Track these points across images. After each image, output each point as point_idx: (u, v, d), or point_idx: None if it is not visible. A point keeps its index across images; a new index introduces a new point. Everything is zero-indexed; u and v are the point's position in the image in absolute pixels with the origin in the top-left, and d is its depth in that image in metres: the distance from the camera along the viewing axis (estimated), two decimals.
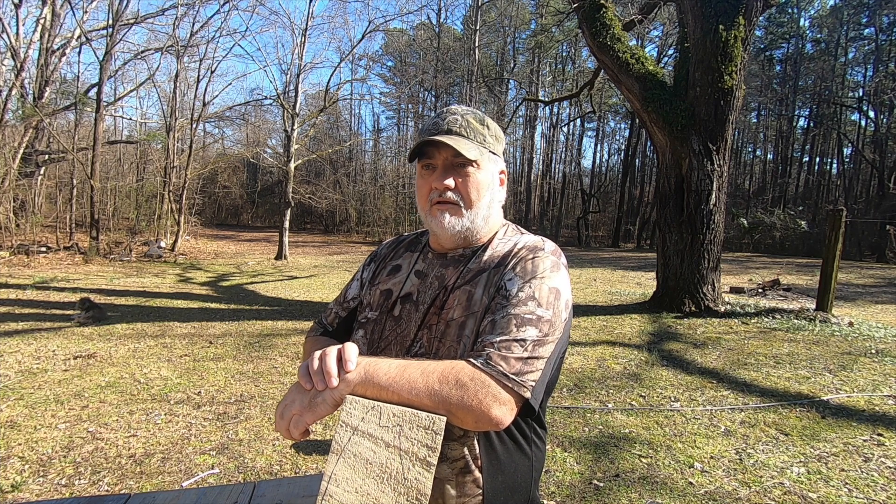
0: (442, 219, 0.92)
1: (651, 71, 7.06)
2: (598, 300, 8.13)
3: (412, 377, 0.76)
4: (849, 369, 4.44)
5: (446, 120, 0.93)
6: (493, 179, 0.96)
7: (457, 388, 0.75)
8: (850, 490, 2.47)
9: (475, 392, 0.75)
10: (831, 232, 6.38)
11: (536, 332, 0.82)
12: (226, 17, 16.62)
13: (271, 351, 4.91)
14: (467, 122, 0.94)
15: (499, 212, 1.00)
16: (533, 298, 0.84)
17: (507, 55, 30.54)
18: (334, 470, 0.70)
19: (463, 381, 0.75)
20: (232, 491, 1.35)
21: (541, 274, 0.87)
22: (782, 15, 26.34)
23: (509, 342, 0.80)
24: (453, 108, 0.96)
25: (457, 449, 0.87)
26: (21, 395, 3.54)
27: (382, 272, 1.06)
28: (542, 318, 0.83)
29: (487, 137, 0.95)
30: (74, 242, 13.51)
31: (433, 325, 0.91)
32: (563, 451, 2.86)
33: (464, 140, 0.91)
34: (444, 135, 0.91)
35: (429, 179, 0.94)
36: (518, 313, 0.83)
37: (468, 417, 0.75)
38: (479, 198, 0.93)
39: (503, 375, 0.77)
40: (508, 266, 0.89)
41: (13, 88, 12.43)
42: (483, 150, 0.93)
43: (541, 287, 0.85)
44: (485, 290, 0.89)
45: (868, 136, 25.26)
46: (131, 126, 23.74)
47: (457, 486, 0.87)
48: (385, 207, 26.41)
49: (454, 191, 0.92)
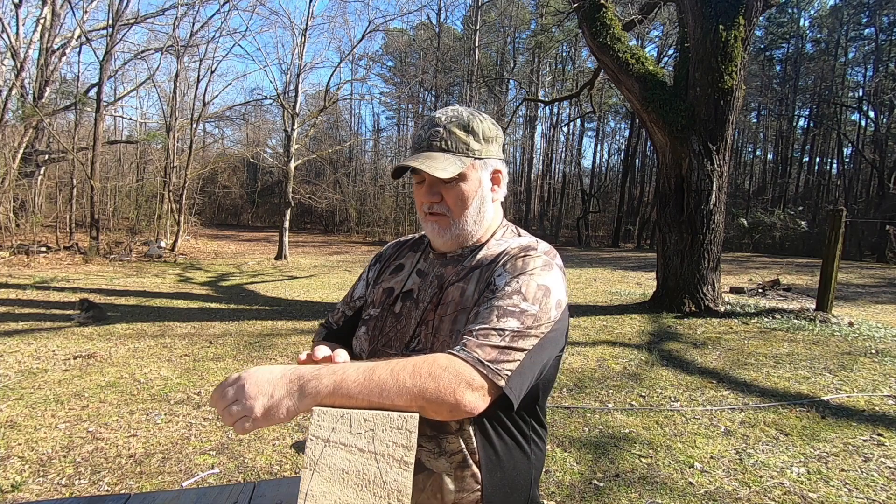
0: (433, 229, 0.97)
1: (651, 71, 7.06)
2: (598, 300, 8.13)
3: (381, 379, 0.73)
4: (849, 369, 4.44)
5: (429, 133, 0.94)
6: (480, 185, 0.97)
7: (430, 379, 0.73)
8: (850, 490, 2.47)
9: (448, 380, 0.74)
10: (831, 232, 6.38)
11: (517, 324, 0.81)
12: (226, 17, 16.58)
13: (271, 351, 4.91)
14: (450, 132, 0.93)
15: (494, 210, 1.02)
16: (519, 293, 0.85)
17: (507, 55, 30.54)
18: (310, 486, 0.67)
19: (435, 373, 0.74)
20: (232, 491, 1.35)
21: (530, 271, 0.88)
22: (782, 15, 26.35)
23: (487, 330, 0.80)
24: (438, 115, 0.96)
25: (454, 442, 0.88)
26: (21, 395, 3.54)
27: (386, 271, 1.09)
28: (526, 311, 0.83)
29: (472, 144, 0.94)
30: (74, 242, 13.51)
31: (430, 321, 0.93)
32: (563, 451, 2.86)
33: (442, 157, 0.92)
34: (424, 151, 0.93)
35: (420, 191, 0.97)
36: (501, 305, 0.83)
37: (442, 408, 0.74)
38: (466, 207, 0.95)
39: (478, 361, 0.76)
40: (499, 263, 0.91)
41: (13, 88, 12.43)
42: (466, 160, 0.93)
43: (528, 283, 0.86)
44: (476, 286, 0.92)
45: (868, 136, 25.25)
46: (131, 126, 23.77)
47: (455, 480, 0.88)
48: (385, 207, 26.41)
49: (440, 204, 0.95)
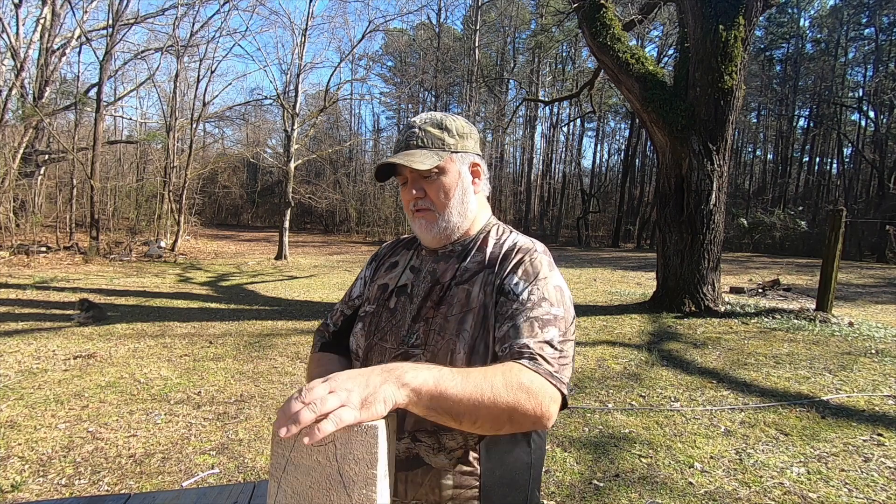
0: (421, 224, 1.00)
1: (651, 71, 7.06)
2: (598, 300, 8.13)
3: (477, 382, 0.74)
4: (849, 369, 4.44)
5: (406, 136, 0.99)
6: (460, 178, 1.00)
7: (521, 391, 0.76)
8: (850, 490, 2.47)
9: (537, 393, 0.77)
10: (831, 232, 6.38)
11: (557, 332, 0.86)
12: (226, 17, 16.59)
13: (271, 351, 4.91)
14: (425, 131, 0.98)
15: (478, 203, 1.04)
16: (544, 299, 0.89)
17: (507, 55, 30.53)
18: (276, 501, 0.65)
19: (525, 385, 0.76)
20: (232, 491, 1.35)
21: (542, 274, 0.92)
22: (782, 15, 26.34)
23: (542, 344, 0.84)
24: (414, 119, 1.01)
25: (455, 438, 0.88)
26: (21, 395, 3.54)
27: (381, 269, 1.12)
28: (557, 316, 0.88)
29: (447, 139, 0.98)
30: (74, 242, 13.50)
31: (430, 319, 0.94)
32: (563, 451, 2.86)
33: (419, 153, 0.96)
34: (402, 151, 0.97)
35: (406, 191, 1.01)
36: (537, 315, 0.87)
37: (528, 420, 0.76)
38: (449, 199, 0.99)
39: (550, 375, 0.81)
40: (507, 269, 0.94)
41: (13, 88, 12.43)
42: (442, 154, 0.97)
43: (547, 287, 0.91)
44: (481, 288, 0.94)
45: (868, 136, 25.26)
46: (131, 126, 23.77)
47: (453, 476, 0.89)
48: (385, 207, 26.40)
49: (424, 199, 0.99)
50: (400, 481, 0.89)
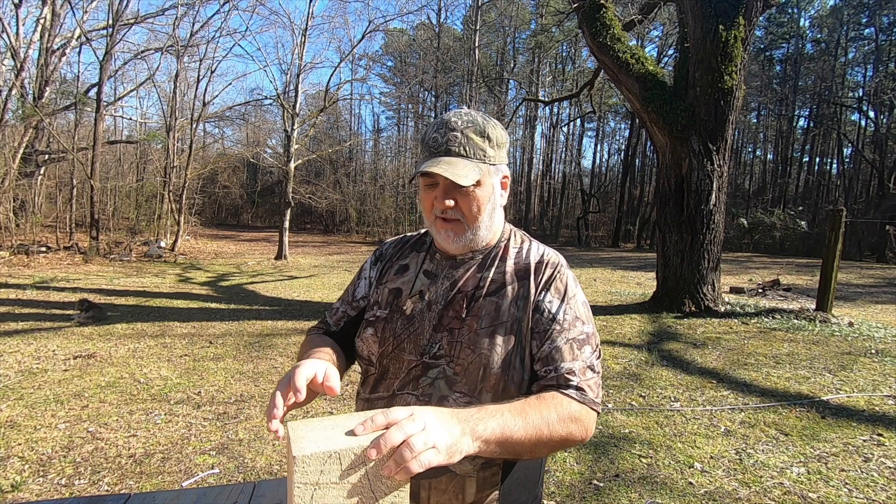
0: (447, 235, 0.95)
1: (651, 71, 7.06)
2: (598, 300, 8.13)
3: (536, 423, 0.80)
4: (849, 369, 4.44)
5: (446, 137, 0.92)
6: (493, 191, 0.96)
7: (572, 422, 0.85)
8: (850, 490, 2.47)
9: (584, 420, 0.87)
10: (831, 232, 6.38)
11: (591, 350, 0.93)
12: (226, 17, 16.52)
13: (271, 351, 4.91)
14: (467, 138, 0.92)
15: (500, 214, 1.02)
16: (578, 319, 0.94)
17: (507, 55, 30.51)
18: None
19: (575, 415, 0.85)
20: (232, 491, 1.35)
21: (571, 292, 0.97)
22: (782, 15, 26.34)
23: (584, 369, 0.90)
24: (453, 119, 0.93)
25: None
26: (21, 395, 3.54)
27: (390, 271, 1.06)
28: (589, 334, 0.94)
29: (488, 151, 0.93)
30: (74, 242, 13.50)
31: (456, 330, 0.92)
32: (563, 450, 2.86)
33: (462, 162, 0.90)
34: (442, 156, 0.91)
35: (431, 194, 0.94)
36: (574, 337, 0.92)
37: (575, 444, 0.88)
38: (480, 213, 0.94)
39: (593, 402, 0.89)
40: (540, 285, 0.96)
41: (13, 88, 12.42)
42: (482, 166, 0.92)
43: (577, 305, 0.96)
44: (512, 301, 0.95)
45: (868, 136, 25.25)
46: (131, 126, 23.75)
47: (477, 481, 0.90)
48: (385, 207, 26.39)
49: (455, 209, 0.93)
50: (423, 488, 0.89)
